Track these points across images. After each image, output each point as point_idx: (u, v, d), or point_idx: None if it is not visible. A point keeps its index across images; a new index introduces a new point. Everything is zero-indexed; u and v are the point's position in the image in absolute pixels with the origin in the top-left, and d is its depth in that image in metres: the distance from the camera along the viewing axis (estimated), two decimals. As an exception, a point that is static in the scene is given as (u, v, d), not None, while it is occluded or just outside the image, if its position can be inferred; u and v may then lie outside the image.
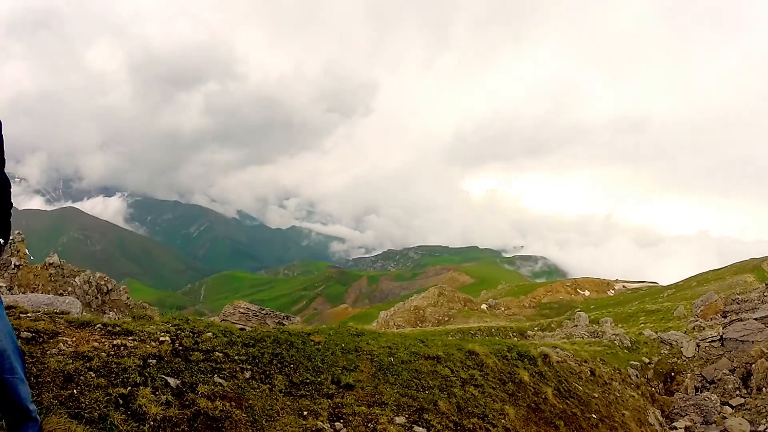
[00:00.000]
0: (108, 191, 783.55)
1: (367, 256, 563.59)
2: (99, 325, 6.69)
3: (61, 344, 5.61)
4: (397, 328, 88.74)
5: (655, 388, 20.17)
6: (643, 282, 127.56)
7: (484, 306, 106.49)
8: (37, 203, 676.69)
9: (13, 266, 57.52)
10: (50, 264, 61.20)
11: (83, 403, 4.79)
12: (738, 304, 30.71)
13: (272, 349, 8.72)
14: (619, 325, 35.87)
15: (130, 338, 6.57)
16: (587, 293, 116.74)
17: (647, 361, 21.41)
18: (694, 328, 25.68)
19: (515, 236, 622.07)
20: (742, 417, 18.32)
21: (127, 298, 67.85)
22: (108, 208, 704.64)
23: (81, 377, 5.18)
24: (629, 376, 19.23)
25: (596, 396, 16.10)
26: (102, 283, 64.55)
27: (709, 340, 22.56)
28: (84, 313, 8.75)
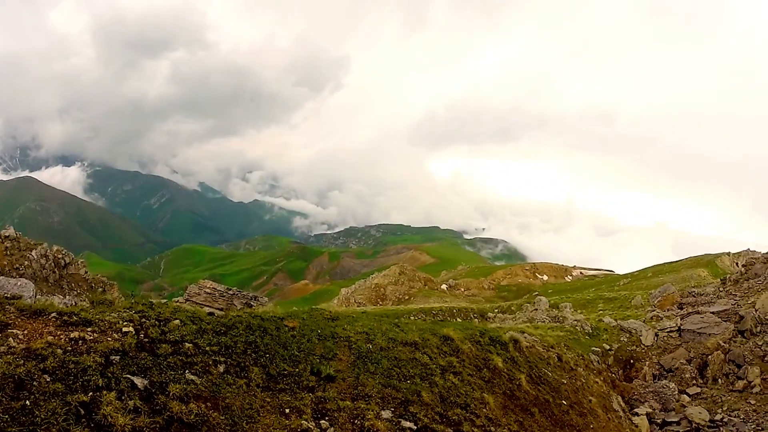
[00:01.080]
0: (67, 160, 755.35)
1: (329, 232, 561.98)
2: (54, 315, 5.90)
3: (11, 339, 4.81)
4: (357, 306, 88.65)
5: (615, 374, 20.55)
6: (599, 270, 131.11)
7: (444, 286, 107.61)
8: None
9: (-36, 240, 54.33)
10: (5, 237, 58.06)
11: (38, 417, 4.06)
12: (694, 297, 31.66)
13: (245, 336, 8.15)
14: (579, 311, 36.51)
15: (89, 330, 5.81)
16: (545, 278, 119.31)
17: (608, 347, 21.80)
18: (652, 318, 26.27)
19: (477, 219, 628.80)
20: (700, 405, 18.83)
21: (86, 273, 65.38)
22: (67, 178, 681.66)
23: (34, 383, 4.41)
24: (591, 362, 19.49)
25: (564, 382, 16.21)
26: (60, 257, 61.71)
27: (668, 330, 23.13)
28: (38, 297, 7.88)
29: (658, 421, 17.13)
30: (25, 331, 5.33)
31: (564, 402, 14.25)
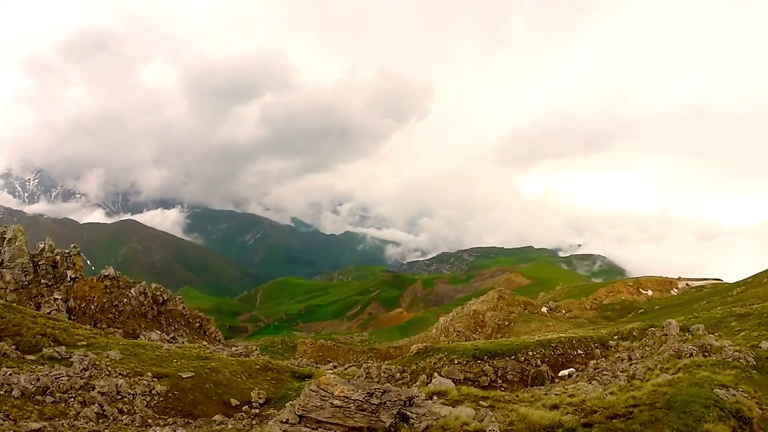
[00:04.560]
0: (165, 203, 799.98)
1: (421, 259, 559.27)
2: None
3: None
4: (456, 334, 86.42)
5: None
6: (706, 279, 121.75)
7: (544, 309, 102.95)
8: (97, 216, 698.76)
9: (69, 279, 58.27)
10: (105, 276, 61.38)
11: None
12: None
13: None
14: (715, 334, 32.78)
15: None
16: (650, 293, 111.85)
17: (783, 383, 18.77)
18: (820, 342, 22.68)
19: (571, 235, 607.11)
20: None
21: (183, 308, 67.67)
22: (166, 220, 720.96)
23: None
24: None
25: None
26: (158, 293, 64.24)
27: None
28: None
29: None
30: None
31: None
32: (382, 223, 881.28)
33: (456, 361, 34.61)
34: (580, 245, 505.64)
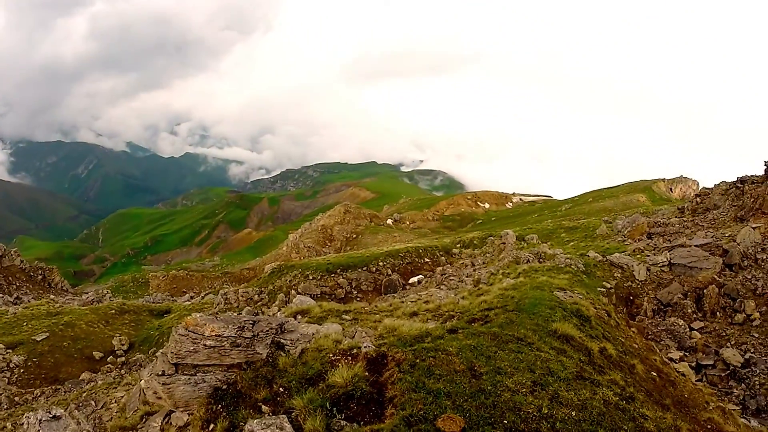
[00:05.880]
0: None
1: (266, 177, 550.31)
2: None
3: None
4: (307, 250, 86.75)
5: (621, 313, 19.84)
6: (538, 195, 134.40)
7: (389, 221, 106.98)
8: None
9: None
10: None
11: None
12: (661, 227, 31.68)
13: None
14: (547, 243, 36.04)
15: None
16: (487, 206, 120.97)
17: (609, 286, 20.98)
18: (635, 251, 25.74)
19: (413, 151, 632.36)
20: (706, 339, 18.39)
21: (21, 262, 59.81)
22: None
23: None
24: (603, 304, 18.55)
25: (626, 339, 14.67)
26: None
27: (660, 264, 22.56)
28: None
29: (692, 364, 16.55)
30: None
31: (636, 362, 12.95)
32: (223, 142, 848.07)
33: (311, 277, 34.55)
34: (422, 161, 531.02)
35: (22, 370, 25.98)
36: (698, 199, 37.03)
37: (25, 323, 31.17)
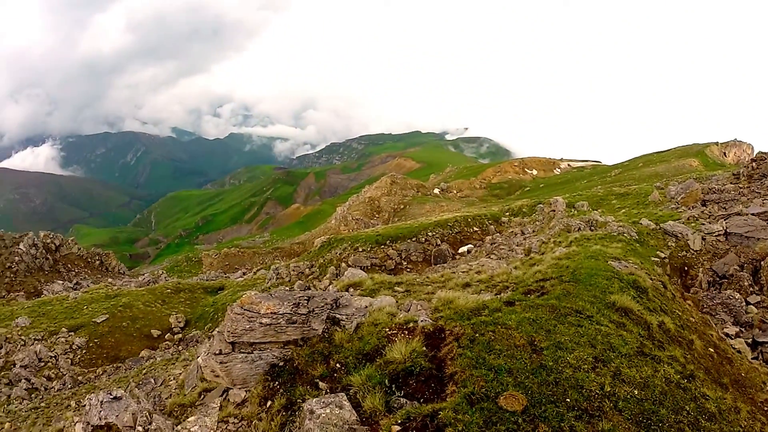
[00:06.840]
0: (33, 141, 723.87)
1: (311, 152, 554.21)
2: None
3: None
4: (355, 222, 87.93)
5: (676, 284, 19.77)
6: (587, 161, 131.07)
7: (436, 190, 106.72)
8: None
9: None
10: None
11: None
12: (716, 194, 30.71)
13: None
14: (598, 210, 35.63)
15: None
16: (535, 172, 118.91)
17: (663, 255, 20.79)
18: (689, 219, 25.25)
19: (458, 119, 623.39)
20: (764, 314, 18.14)
21: (79, 249, 62.52)
22: (39, 158, 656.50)
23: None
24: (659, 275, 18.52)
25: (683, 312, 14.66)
26: (49, 241, 58.08)
27: (716, 234, 22.15)
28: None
29: (749, 340, 16.45)
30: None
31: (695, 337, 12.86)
32: (266, 120, 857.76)
33: (360, 249, 35.01)
34: (466, 129, 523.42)
35: (84, 351, 27.13)
36: (754, 164, 35.55)
37: (85, 307, 32.37)
